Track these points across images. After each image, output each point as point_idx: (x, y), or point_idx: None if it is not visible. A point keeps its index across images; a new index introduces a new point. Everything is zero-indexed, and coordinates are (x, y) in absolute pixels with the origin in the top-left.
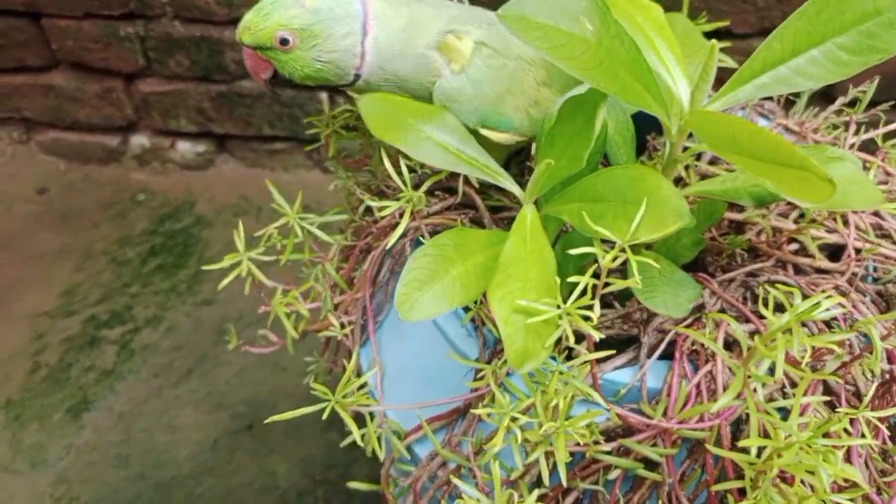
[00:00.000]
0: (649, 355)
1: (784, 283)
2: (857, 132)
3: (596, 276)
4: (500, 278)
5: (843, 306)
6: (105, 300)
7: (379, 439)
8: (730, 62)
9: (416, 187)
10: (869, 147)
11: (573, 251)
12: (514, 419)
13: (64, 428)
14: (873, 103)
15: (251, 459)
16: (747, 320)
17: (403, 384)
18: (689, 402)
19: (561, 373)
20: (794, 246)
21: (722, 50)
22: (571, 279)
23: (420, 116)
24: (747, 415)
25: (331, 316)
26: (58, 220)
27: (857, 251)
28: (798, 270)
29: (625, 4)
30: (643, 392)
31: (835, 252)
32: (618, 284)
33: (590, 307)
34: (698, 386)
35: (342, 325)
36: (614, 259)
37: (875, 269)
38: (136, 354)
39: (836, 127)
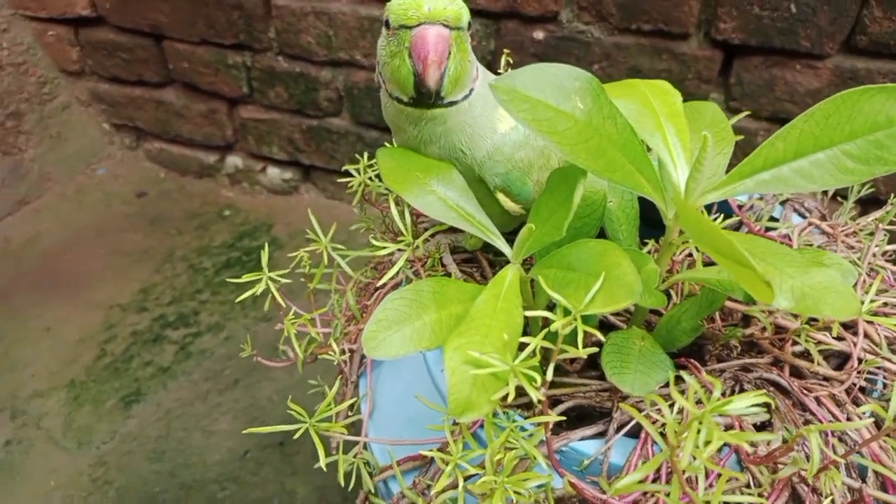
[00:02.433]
0: (617, 431)
1: (774, 384)
2: (882, 241)
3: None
4: (462, 329)
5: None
6: (175, 302)
7: (358, 469)
8: None
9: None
10: None
11: (528, 313)
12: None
13: (114, 414)
14: None
15: (275, 476)
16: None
17: (390, 418)
18: None
19: (522, 429)
20: (799, 347)
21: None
22: (523, 339)
23: (428, 171)
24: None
25: (333, 342)
26: (148, 223)
27: (861, 362)
28: (797, 373)
29: (642, 87)
30: (604, 466)
31: (845, 361)
32: (571, 353)
33: (541, 368)
34: (659, 469)
35: (342, 352)
36: (566, 326)
37: (884, 385)
38: (192, 357)
39: (872, 234)
